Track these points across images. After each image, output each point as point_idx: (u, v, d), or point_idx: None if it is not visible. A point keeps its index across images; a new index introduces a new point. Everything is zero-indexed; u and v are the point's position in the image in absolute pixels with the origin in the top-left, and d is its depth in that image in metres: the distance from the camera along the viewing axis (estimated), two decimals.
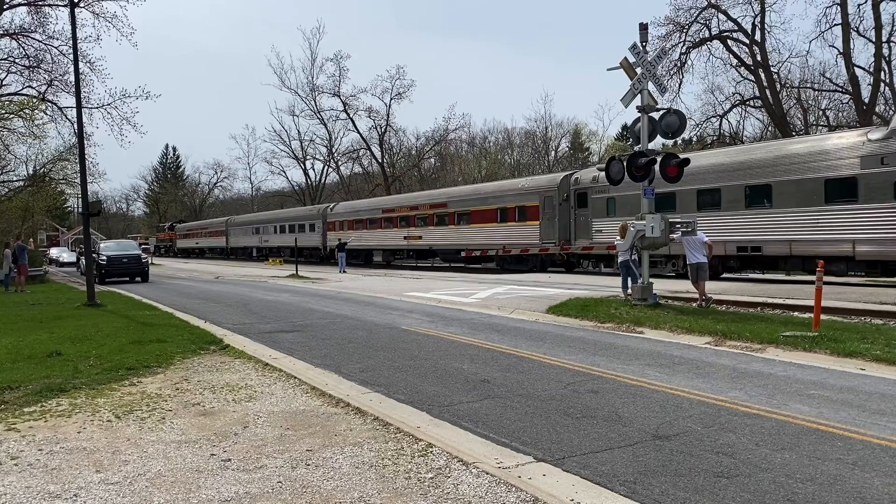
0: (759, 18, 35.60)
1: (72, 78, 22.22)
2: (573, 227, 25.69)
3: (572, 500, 4.23)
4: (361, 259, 40.85)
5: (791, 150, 19.10)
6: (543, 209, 26.78)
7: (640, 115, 14.17)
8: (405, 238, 35.89)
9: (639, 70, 13.90)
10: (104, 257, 29.57)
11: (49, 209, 48.28)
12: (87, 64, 27.89)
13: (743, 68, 37.98)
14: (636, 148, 14.46)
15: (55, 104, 30.82)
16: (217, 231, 66.43)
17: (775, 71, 37.01)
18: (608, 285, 18.60)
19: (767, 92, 36.46)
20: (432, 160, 68.97)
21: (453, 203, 32.76)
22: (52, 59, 29.32)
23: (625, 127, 64.92)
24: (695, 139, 46.92)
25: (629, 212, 21.27)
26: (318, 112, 65.05)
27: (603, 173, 21.56)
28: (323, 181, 74.25)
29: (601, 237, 24.20)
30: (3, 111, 30.95)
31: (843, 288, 16.29)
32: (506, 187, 30.44)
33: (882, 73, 33.48)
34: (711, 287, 14.98)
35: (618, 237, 15.87)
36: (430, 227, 34.07)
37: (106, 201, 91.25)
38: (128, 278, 29.98)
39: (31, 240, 34.09)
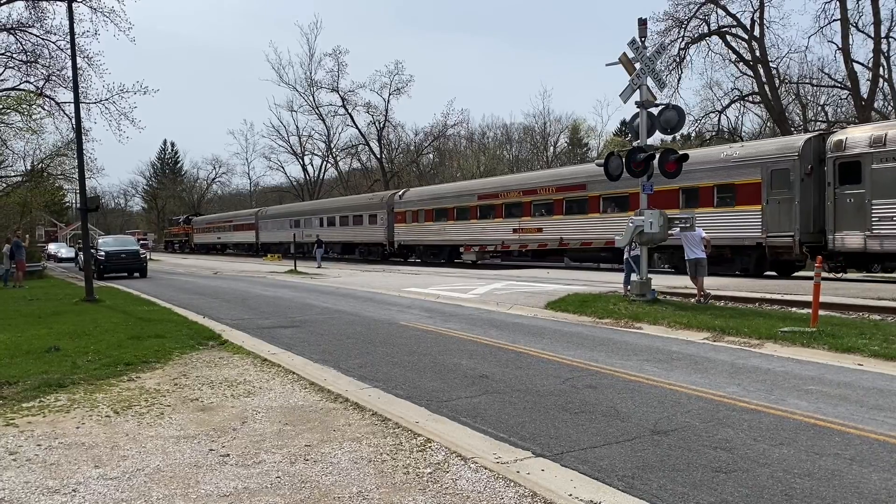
0: (757, 14, 35.61)
1: (69, 73, 22.09)
2: (832, 211, 17.71)
3: (571, 494, 4.24)
4: (444, 257, 33.96)
5: None
6: (770, 187, 18.93)
7: (638, 110, 14.16)
8: (515, 231, 28.48)
9: (638, 65, 13.88)
10: (102, 253, 29.55)
11: (47, 204, 48.25)
12: (85, 59, 27.74)
13: (742, 64, 37.97)
14: (635, 143, 14.46)
15: (53, 99, 30.69)
16: (245, 224, 59.08)
17: (774, 66, 37.03)
18: (607, 281, 18.61)
19: (766, 87, 36.45)
20: (431, 156, 69.00)
21: (598, 184, 23.20)
22: (49, 54, 29.18)
23: (624, 122, 64.81)
24: (693, 135, 46.97)
25: None
26: (317, 107, 65.12)
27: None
28: (321, 177, 74.29)
29: (890, 227, 16.63)
30: (1, 106, 30.86)
31: (842, 283, 16.29)
32: (698, 158, 20.92)
33: (881, 68, 33.48)
34: (710, 283, 14.99)
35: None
36: (555, 217, 26.55)
37: (104, 197, 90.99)
38: (126, 274, 29.95)
39: (28, 235, 34.04)
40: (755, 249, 19.40)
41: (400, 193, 38.43)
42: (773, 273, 20.02)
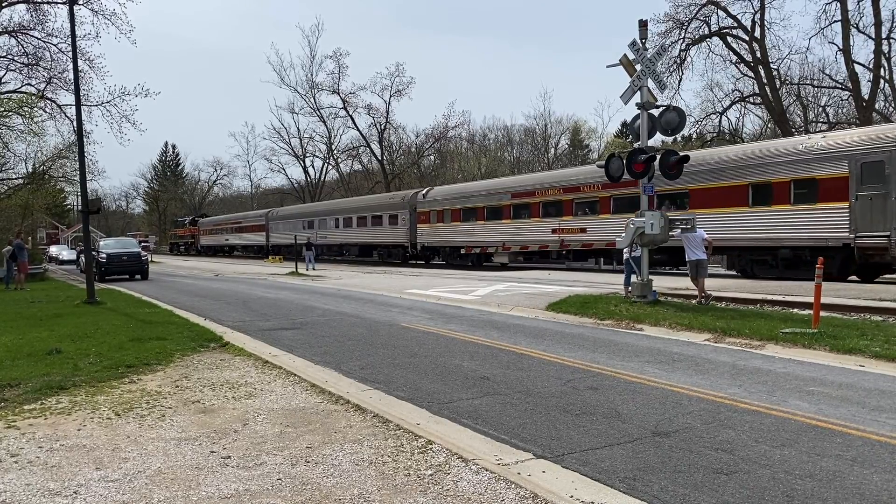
0: (758, 15, 35.67)
1: (71, 76, 22.20)
2: None
3: (572, 496, 4.24)
4: (471, 260, 32.31)
5: None
6: (860, 181, 17.10)
7: (639, 111, 14.17)
8: (554, 231, 26.80)
9: (638, 67, 13.89)
10: (104, 255, 29.55)
11: (48, 207, 48.29)
12: (86, 61, 27.89)
13: (742, 65, 38.01)
14: (636, 145, 14.46)
15: (54, 102, 30.83)
16: (254, 225, 57.12)
17: (775, 68, 37.06)
18: (608, 283, 18.60)
19: (767, 89, 36.46)
20: (432, 157, 69.08)
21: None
22: (51, 56, 29.33)
23: (625, 124, 64.90)
24: (694, 136, 47.00)
25: None
26: (318, 109, 65.28)
27: None
28: (322, 178, 74.37)
29: None
30: (3, 109, 30.91)
31: (843, 284, 16.27)
32: (766, 151, 19.91)
33: (882, 69, 33.51)
34: (711, 284, 14.98)
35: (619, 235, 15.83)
36: (602, 216, 24.82)
37: (105, 199, 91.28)
38: (127, 276, 29.97)
39: (29, 237, 34.07)
40: (840, 251, 17.56)
41: (423, 192, 36.51)
42: (855, 277, 18.28)
